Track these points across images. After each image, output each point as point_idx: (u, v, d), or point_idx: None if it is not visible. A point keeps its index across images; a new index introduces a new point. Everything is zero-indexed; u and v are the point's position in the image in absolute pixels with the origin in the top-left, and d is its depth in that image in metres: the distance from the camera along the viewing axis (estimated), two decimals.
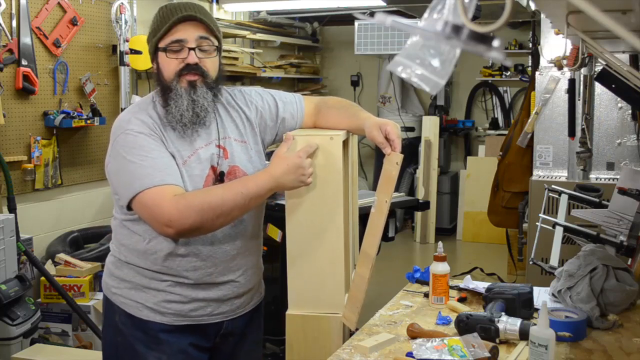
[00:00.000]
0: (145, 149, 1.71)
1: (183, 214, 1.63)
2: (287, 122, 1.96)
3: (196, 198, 1.67)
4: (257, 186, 1.70)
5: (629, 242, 2.12)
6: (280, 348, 3.33)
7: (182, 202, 1.65)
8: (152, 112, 1.79)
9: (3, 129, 3.52)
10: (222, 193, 1.68)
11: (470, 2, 0.76)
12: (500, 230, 4.63)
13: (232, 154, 1.85)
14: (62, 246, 3.81)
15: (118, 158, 1.74)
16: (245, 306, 1.93)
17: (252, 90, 1.98)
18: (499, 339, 1.69)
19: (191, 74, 1.75)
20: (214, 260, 1.82)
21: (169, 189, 1.67)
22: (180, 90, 1.75)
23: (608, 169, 3.54)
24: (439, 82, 0.81)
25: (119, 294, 1.85)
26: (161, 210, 1.65)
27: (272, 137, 1.97)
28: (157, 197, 1.66)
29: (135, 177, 1.69)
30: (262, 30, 6.23)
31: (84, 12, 4.04)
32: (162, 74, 1.77)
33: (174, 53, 1.74)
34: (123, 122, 1.77)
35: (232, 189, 1.69)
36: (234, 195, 1.67)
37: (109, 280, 1.89)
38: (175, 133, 1.78)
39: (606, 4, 1.16)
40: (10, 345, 3.09)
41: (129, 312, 1.84)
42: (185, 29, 1.74)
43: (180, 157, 1.76)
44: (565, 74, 3.53)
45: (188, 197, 1.68)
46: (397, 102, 6.87)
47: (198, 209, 1.64)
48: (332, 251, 1.82)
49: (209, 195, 1.68)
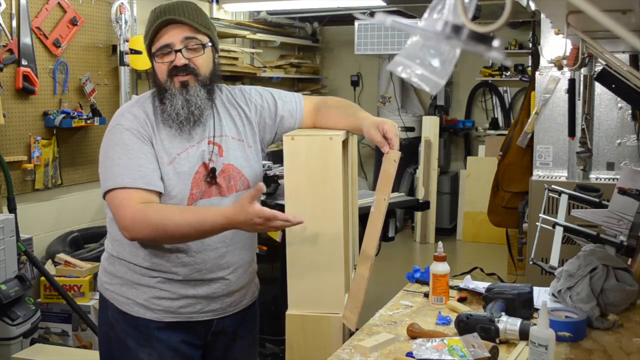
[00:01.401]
0: (127, 147, 1.75)
1: (136, 226, 1.69)
2: (286, 121, 1.97)
3: (154, 215, 1.69)
4: (212, 226, 1.69)
5: (629, 242, 2.12)
6: (280, 348, 3.32)
7: (140, 215, 1.69)
8: (148, 106, 1.83)
9: (3, 129, 3.52)
10: (179, 220, 1.68)
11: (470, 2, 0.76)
12: (500, 230, 4.63)
13: (228, 152, 1.86)
14: (62, 246, 3.81)
15: (103, 151, 1.80)
16: (237, 305, 1.94)
17: (252, 89, 2.00)
18: (499, 339, 1.69)
19: (182, 75, 1.79)
20: (202, 256, 1.82)
21: (136, 194, 1.71)
22: (173, 90, 1.79)
23: (608, 169, 3.54)
24: (439, 82, 0.81)
25: (111, 290, 1.88)
26: (122, 214, 1.71)
27: (271, 135, 1.98)
28: (122, 199, 1.71)
29: (109, 174, 1.75)
30: (262, 30, 6.23)
31: (84, 12, 4.04)
32: (157, 76, 1.82)
33: (164, 57, 1.79)
34: (117, 115, 1.84)
35: (188, 219, 1.68)
36: (188, 227, 1.68)
37: (102, 276, 1.92)
38: (172, 130, 1.81)
39: (606, 4, 1.16)
40: (10, 345, 3.09)
41: (121, 309, 1.86)
42: (169, 33, 1.78)
43: (169, 155, 1.78)
44: (565, 74, 3.53)
45: (148, 211, 1.69)
46: (397, 102, 6.87)
47: (152, 227, 1.68)
48: (332, 251, 1.82)
49: (165, 218, 1.68)
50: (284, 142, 1.82)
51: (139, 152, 1.75)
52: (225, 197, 1.85)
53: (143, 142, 1.77)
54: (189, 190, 1.79)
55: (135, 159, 1.74)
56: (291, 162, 1.82)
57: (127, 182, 1.72)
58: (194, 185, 1.80)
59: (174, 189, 1.78)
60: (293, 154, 1.81)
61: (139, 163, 1.74)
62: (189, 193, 1.80)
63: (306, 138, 1.82)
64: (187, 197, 1.79)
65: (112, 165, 1.75)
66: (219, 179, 1.83)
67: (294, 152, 1.81)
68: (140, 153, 1.75)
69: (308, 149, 1.80)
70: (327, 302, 1.85)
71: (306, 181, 1.80)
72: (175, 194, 1.78)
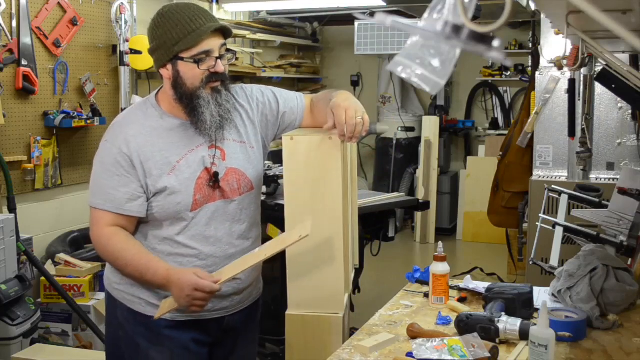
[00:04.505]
0: (104, 166, 1.81)
1: (97, 247, 1.84)
2: (288, 117, 1.98)
3: (109, 248, 1.80)
4: (152, 279, 1.77)
5: (629, 242, 2.12)
6: (280, 348, 3.32)
7: (101, 242, 1.81)
8: (139, 119, 1.83)
9: (3, 129, 3.52)
10: (127, 262, 1.78)
11: (470, 2, 0.76)
12: (500, 230, 4.63)
13: (230, 156, 1.87)
14: (62, 246, 3.81)
15: (94, 161, 1.86)
16: (245, 301, 1.97)
17: (252, 86, 2.01)
18: (499, 339, 1.69)
19: (215, 81, 1.79)
20: (214, 259, 1.85)
21: (106, 217, 1.79)
22: (207, 97, 1.78)
23: (608, 169, 3.54)
24: (439, 82, 0.81)
25: (121, 290, 1.89)
26: (93, 232, 1.83)
27: (274, 132, 1.99)
28: (95, 218, 1.82)
29: (91, 189, 1.84)
30: (262, 30, 6.24)
31: (84, 12, 4.04)
32: (185, 82, 1.78)
33: (202, 63, 1.76)
34: (111, 128, 1.86)
35: (135, 264, 1.77)
36: (132, 271, 1.79)
37: (111, 275, 1.93)
38: (170, 137, 1.81)
39: (606, 4, 1.16)
40: (10, 345, 3.08)
41: (132, 308, 1.87)
42: (211, 39, 1.76)
43: (168, 164, 1.79)
44: (565, 74, 3.53)
45: (108, 242, 1.80)
46: (397, 102, 6.87)
47: (105, 257, 1.84)
48: (332, 251, 1.82)
49: (118, 256, 1.79)
50: (283, 142, 1.82)
51: (113, 174, 1.78)
52: (229, 201, 1.86)
53: (120, 165, 1.78)
54: (192, 196, 1.80)
55: (108, 180, 1.79)
56: (291, 162, 1.82)
57: (98, 203, 1.80)
58: (196, 191, 1.81)
59: (178, 195, 1.79)
60: (292, 154, 1.81)
61: (111, 185, 1.78)
62: (192, 199, 1.81)
63: (306, 138, 1.82)
64: (191, 203, 1.81)
65: (93, 181, 1.84)
66: (222, 183, 1.84)
67: (294, 152, 1.81)
68: (114, 175, 1.78)
69: (307, 149, 1.80)
70: (327, 302, 1.85)
71: (306, 181, 1.80)
72: (180, 200, 1.80)
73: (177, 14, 1.75)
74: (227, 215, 1.86)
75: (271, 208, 3.02)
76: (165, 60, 1.78)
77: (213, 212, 1.84)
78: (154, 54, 1.81)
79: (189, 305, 1.71)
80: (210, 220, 1.84)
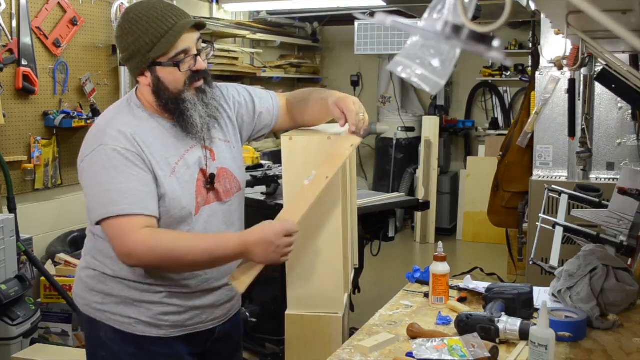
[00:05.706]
0: (116, 169, 1.62)
1: (145, 253, 1.59)
2: (264, 117, 1.92)
3: (164, 242, 1.60)
4: (226, 249, 1.63)
5: (629, 242, 2.12)
6: (280, 348, 3.32)
7: (151, 242, 1.59)
8: (132, 118, 1.69)
9: (3, 129, 3.52)
10: (192, 247, 1.62)
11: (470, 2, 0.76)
12: (500, 230, 4.63)
13: (219, 156, 1.80)
14: (62, 246, 3.81)
15: (89, 176, 1.66)
16: (233, 309, 1.92)
17: (228, 85, 1.92)
18: (499, 339, 1.69)
19: (198, 80, 1.70)
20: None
21: (137, 221, 1.60)
22: (192, 99, 1.69)
23: (608, 169, 3.54)
24: (439, 82, 0.81)
25: (105, 310, 1.75)
26: (126, 241, 1.59)
27: (248, 134, 1.93)
28: (123, 227, 1.59)
29: (101, 201, 1.62)
30: (262, 30, 6.23)
31: (84, 12, 4.04)
32: (167, 87, 1.67)
33: (181, 64, 1.65)
34: (98, 133, 1.68)
35: (202, 244, 1.63)
36: (201, 252, 1.62)
37: (88, 295, 1.78)
38: (165, 139, 1.70)
39: (606, 4, 1.16)
40: (10, 345, 3.09)
41: (118, 329, 1.74)
42: (186, 36, 1.64)
43: (168, 166, 1.68)
44: (565, 74, 3.53)
45: (158, 237, 1.61)
46: (397, 102, 6.87)
47: (160, 254, 1.59)
48: (332, 251, 1.82)
49: (176, 244, 1.61)
50: (282, 142, 1.81)
51: (129, 174, 1.61)
52: (222, 203, 1.79)
53: (133, 163, 1.62)
54: (194, 198, 1.72)
55: (126, 182, 1.61)
56: (290, 162, 1.81)
57: (122, 208, 1.59)
58: (197, 193, 1.73)
59: (183, 199, 1.69)
60: (292, 154, 1.81)
61: (131, 187, 1.61)
62: (195, 202, 1.72)
63: (304, 138, 1.81)
64: (194, 206, 1.72)
65: (103, 191, 1.62)
66: (216, 184, 1.76)
67: (293, 152, 1.80)
68: (130, 176, 1.61)
69: (307, 149, 1.80)
70: (327, 302, 1.85)
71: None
72: (185, 204, 1.70)
73: (144, 16, 1.63)
74: (221, 217, 1.79)
75: (271, 208, 3.02)
76: (142, 67, 1.67)
77: (209, 215, 1.75)
78: (128, 62, 1.69)
79: (280, 256, 1.60)
80: (207, 223, 1.75)
